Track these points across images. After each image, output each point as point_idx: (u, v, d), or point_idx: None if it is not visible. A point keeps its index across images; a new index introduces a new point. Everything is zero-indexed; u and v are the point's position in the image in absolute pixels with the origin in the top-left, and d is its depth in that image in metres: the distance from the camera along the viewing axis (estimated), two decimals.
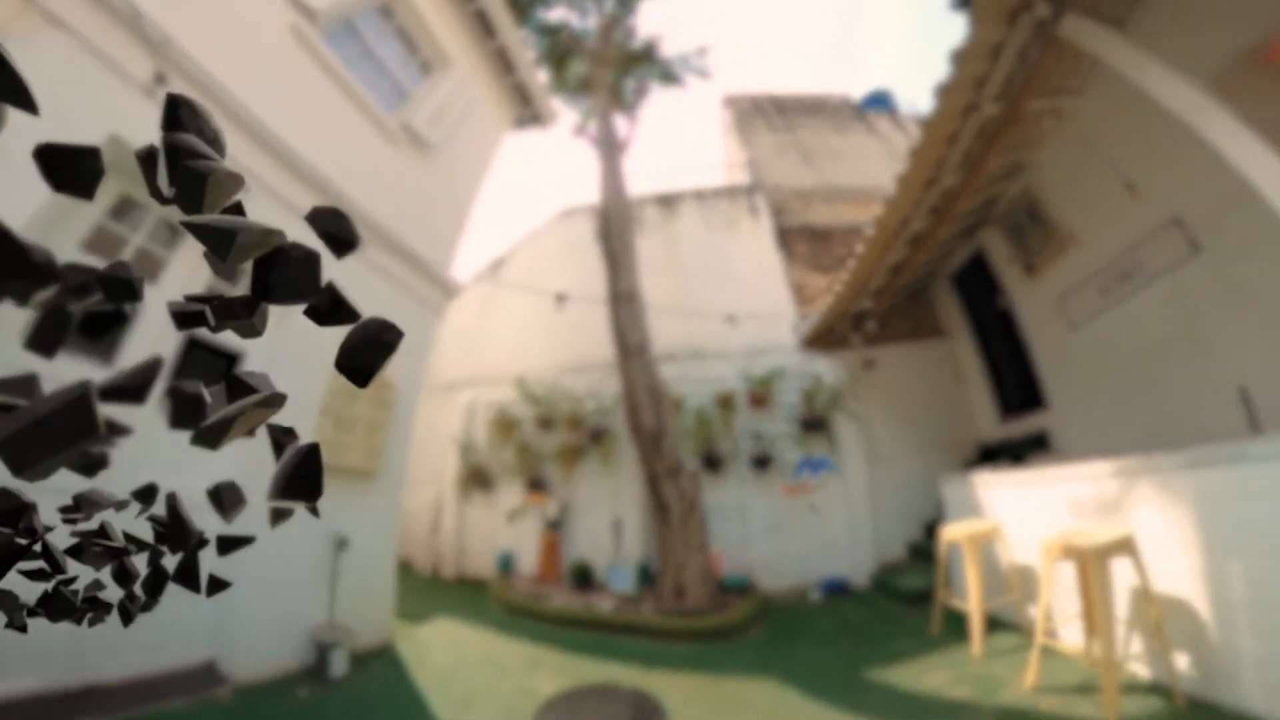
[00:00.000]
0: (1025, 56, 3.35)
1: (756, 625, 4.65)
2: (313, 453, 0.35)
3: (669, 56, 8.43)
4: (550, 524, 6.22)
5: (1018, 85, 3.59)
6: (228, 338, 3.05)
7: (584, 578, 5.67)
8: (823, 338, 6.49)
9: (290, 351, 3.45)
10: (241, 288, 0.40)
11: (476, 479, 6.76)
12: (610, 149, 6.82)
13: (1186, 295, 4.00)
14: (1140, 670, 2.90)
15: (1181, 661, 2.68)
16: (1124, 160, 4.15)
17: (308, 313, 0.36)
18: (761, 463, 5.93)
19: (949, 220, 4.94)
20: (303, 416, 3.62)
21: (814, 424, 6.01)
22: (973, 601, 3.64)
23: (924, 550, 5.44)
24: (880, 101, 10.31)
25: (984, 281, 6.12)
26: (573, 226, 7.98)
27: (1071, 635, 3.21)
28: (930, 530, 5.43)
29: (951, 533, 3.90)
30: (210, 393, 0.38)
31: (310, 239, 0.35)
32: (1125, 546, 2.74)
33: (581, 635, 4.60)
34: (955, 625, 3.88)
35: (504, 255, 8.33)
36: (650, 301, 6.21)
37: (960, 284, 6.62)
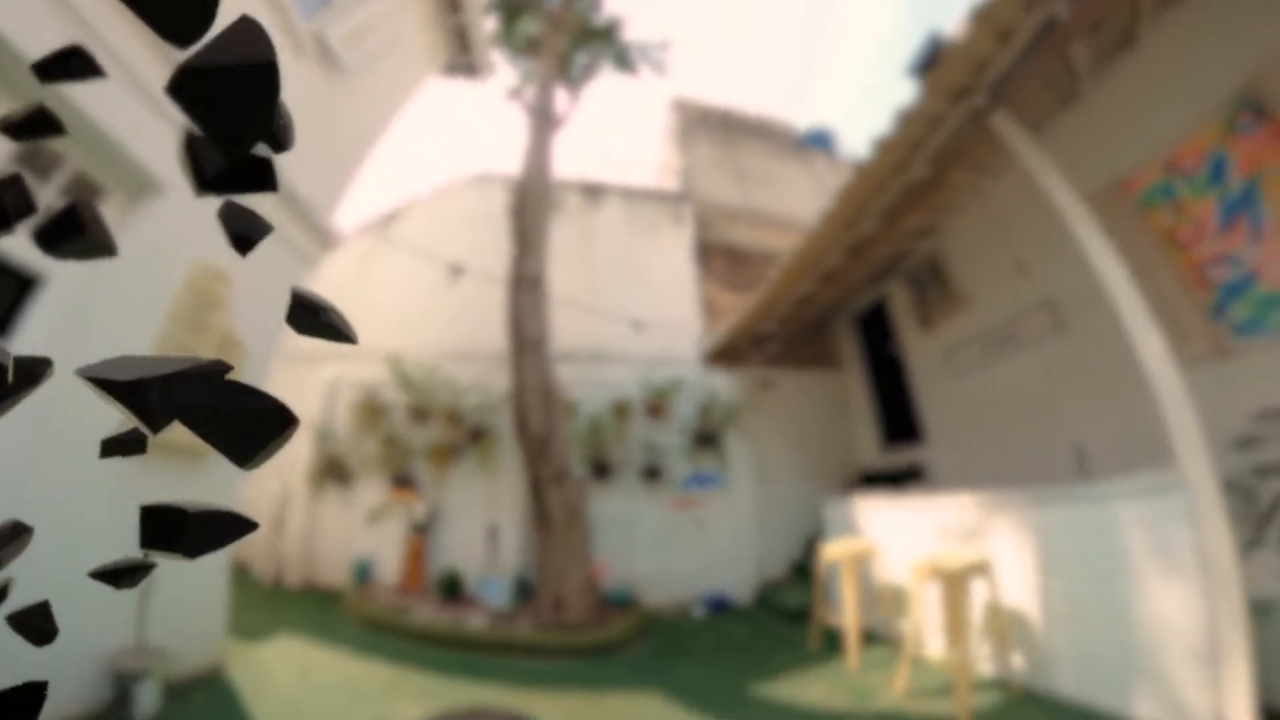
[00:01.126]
0: (959, 133, 3.73)
1: (639, 641, 4.50)
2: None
3: (629, 41, 8.14)
4: (417, 528, 5.54)
5: (947, 156, 3.97)
6: None
7: (453, 589, 5.10)
8: (725, 355, 6.67)
9: (108, 301, 2.70)
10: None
11: (333, 471, 5.82)
12: (544, 121, 6.45)
13: (1047, 365, 4.76)
14: (986, 670, 3.35)
15: (1017, 661, 3.22)
16: (1019, 242, 4.86)
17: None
18: (652, 474, 5.85)
19: (861, 263, 5.34)
20: None
21: (707, 439, 6.09)
22: (849, 617, 3.86)
23: (805, 568, 5.67)
24: (820, 139, 10.91)
25: (882, 325, 6.77)
26: (484, 195, 7.37)
27: (935, 645, 3.55)
28: (811, 548, 5.69)
29: (831, 552, 4.10)
30: None
31: None
32: (982, 568, 3.20)
33: (450, 654, 4.09)
34: (833, 640, 4.06)
35: (398, 211, 7.38)
36: (555, 293, 5.88)
37: (861, 324, 7.25)
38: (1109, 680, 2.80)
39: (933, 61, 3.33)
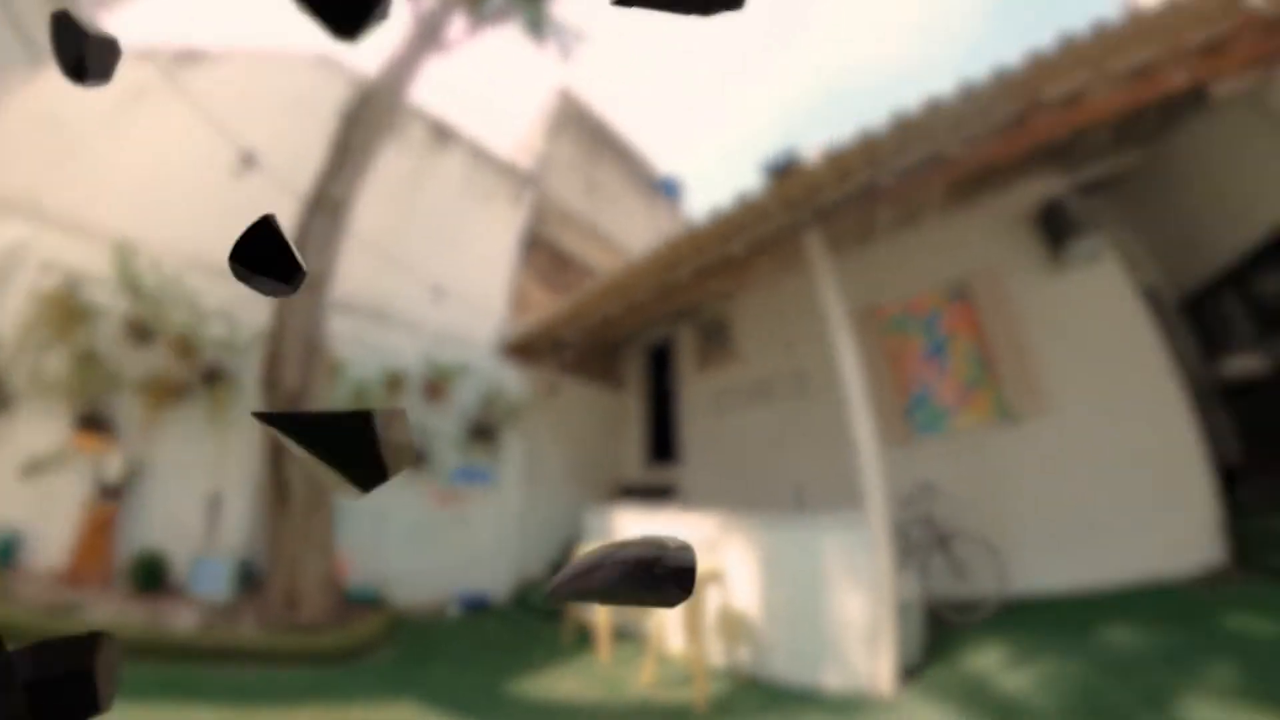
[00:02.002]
0: (779, 231, 4.56)
1: (388, 644, 4.08)
2: None
3: (551, 12, 7.48)
4: (106, 490, 4.03)
5: (763, 244, 4.78)
6: None
7: (153, 577, 3.85)
8: (521, 350, 6.61)
9: None
10: None
11: None
12: (428, 34, 5.48)
13: (787, 419, 6.08)
14: (719, 661, 3.96)
15: (743, 653, 3.83)
16: (792, 323, 6.16)
17: None
18: (417, 459, 5.41)
19: (665, 303, 5.99)
20: None
21: (484, 432, 5.88)
22: (601, 616, 4.21)
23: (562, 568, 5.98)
24: (670, 188, 11.75)
25: (667, 359, 7.65)
26: (317, 83, 5.92)
27: (676, 642, 4.06)
28: (570, 551, 5.95)
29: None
30: None
31: None
32: (717, 576, 3.79)
33: (145, 667, 3.02)
34: (586, 637, 4.35)
35: (202, 53, 5.28)
36: (358, 230, 4.98)
37: (650, 353, 8.00)
38: (809, 663, 3.60)
39: (783, 171, 4.02)
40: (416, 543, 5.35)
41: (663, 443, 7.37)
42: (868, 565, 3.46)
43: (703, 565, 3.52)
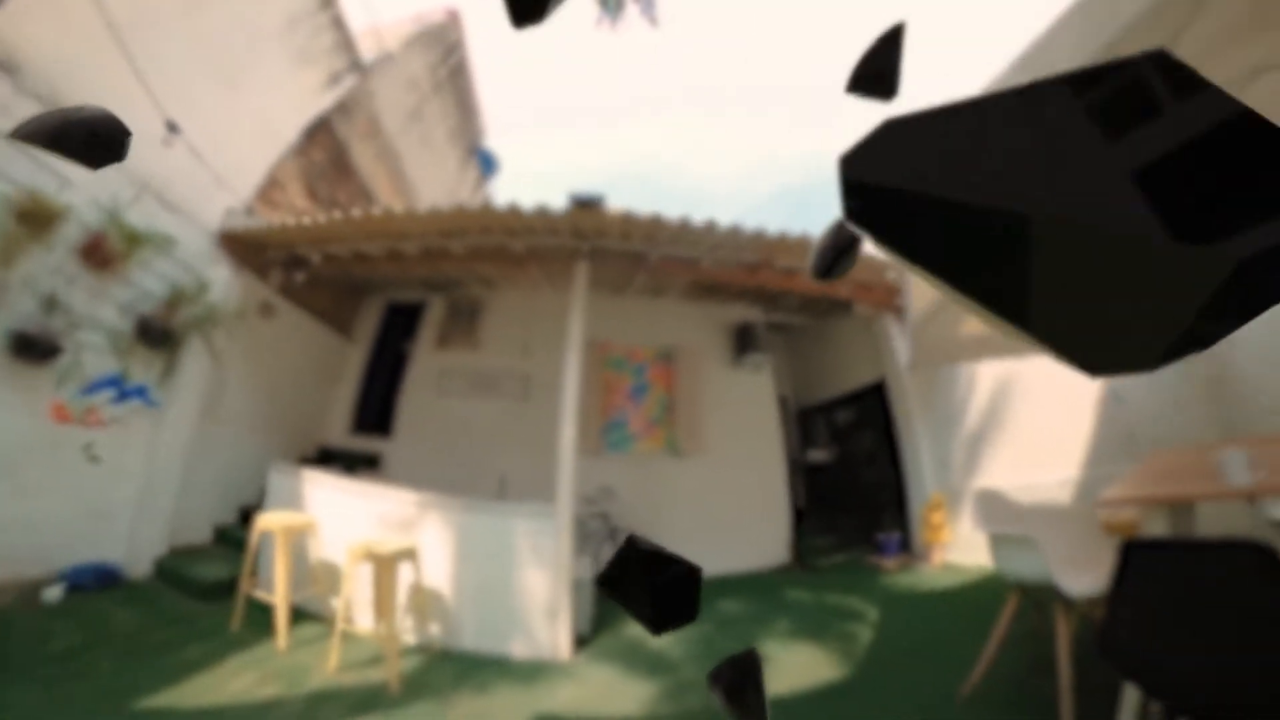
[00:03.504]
0: (559, 249, 4.81)
1: None
2: None
3: None
4: None
5: (542, 252, 4.92)
6: None
7: None
8: (248, 249, 4.88)
9: None
10: None
11: None
12: None
13: (506, 415, 6.22)
14: (411, 639, 3.75)
15: (435, 628, 3.74)
16: (535, 331, 6.40)
17: None
18: (35, 348, 3.33)
19: (428, 266, 5.41)
20: None
21: (160, 336, 4.10)
22: (280, 593, 3.46)
23: (234, 536, 4.44)
24: (488, 161, 10.45)
25: (408, 323, 6.73)
26: None
27: (365, 620, 3.67)
28: (248, 515, 4.52)
29: (267, 521, 3.68)
30: None
31: None
32: (410, 554, 3.59)
33: None
34: (260, 619, 3.47)
35: None
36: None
37: (392, 311, 6.85)
38: (498, 635, 3.70)
39: (585, 205, 4.22)
40: (8, 478, 3.30)
41: (378, 410, 6.45)
42: (552, 549, 3.78)
43: (398, 543, 3.54)
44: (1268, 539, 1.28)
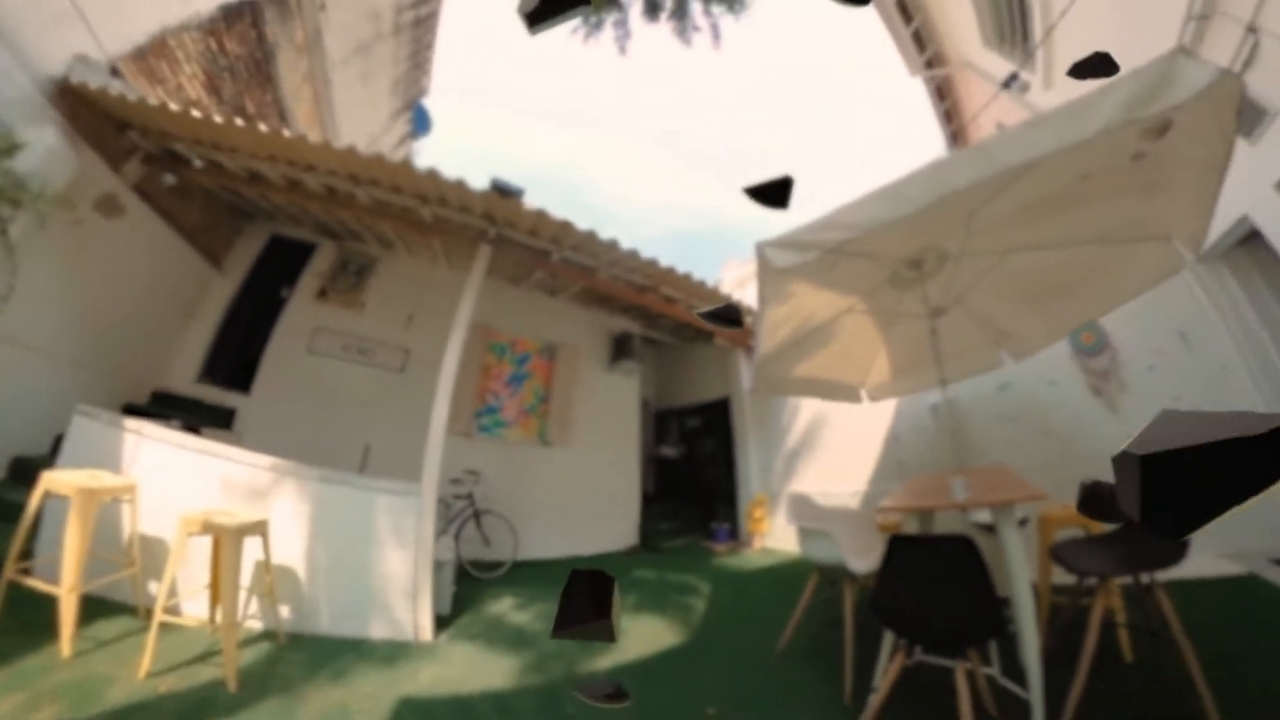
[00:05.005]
0: (464, 228, 4.55)
1: None
2: None
3: None
4: None
5: (449, 225, 4.58)
6: None
7: None
8: (99, 118, 3.64)
9: None
10: None
11: None
12: None
13: (380, 385, 5.62)
14: (255, 625, 3.21)
15: (285, 611, 3.23)
16: (425, 305, 5.92)
17: None
18: None
19: (330, 207, 4.59)
20: None
21: None
22: (68, 579, 2.49)
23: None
24: (421, 117, 9.14)
25: (292, 265, 5.59)
26: None
27: (196, 608, 3.02)
28: (27, 472, 3.25)
29: (58, 481, 2.63)
30: None
31: None
32: (260, 528, 2.99)
33: None
34: (34, 616, 2.52)
35: None
36: None
37: (275, 246, 5.58)
38: (356, 615, 3.34)
39: (503, 192, 4.04)
40: None
41: (238, 359, 5.23)
42: (414, 528, 3.52)
43: (245, 515, 2.96)
44: (970, 534, 1.88)
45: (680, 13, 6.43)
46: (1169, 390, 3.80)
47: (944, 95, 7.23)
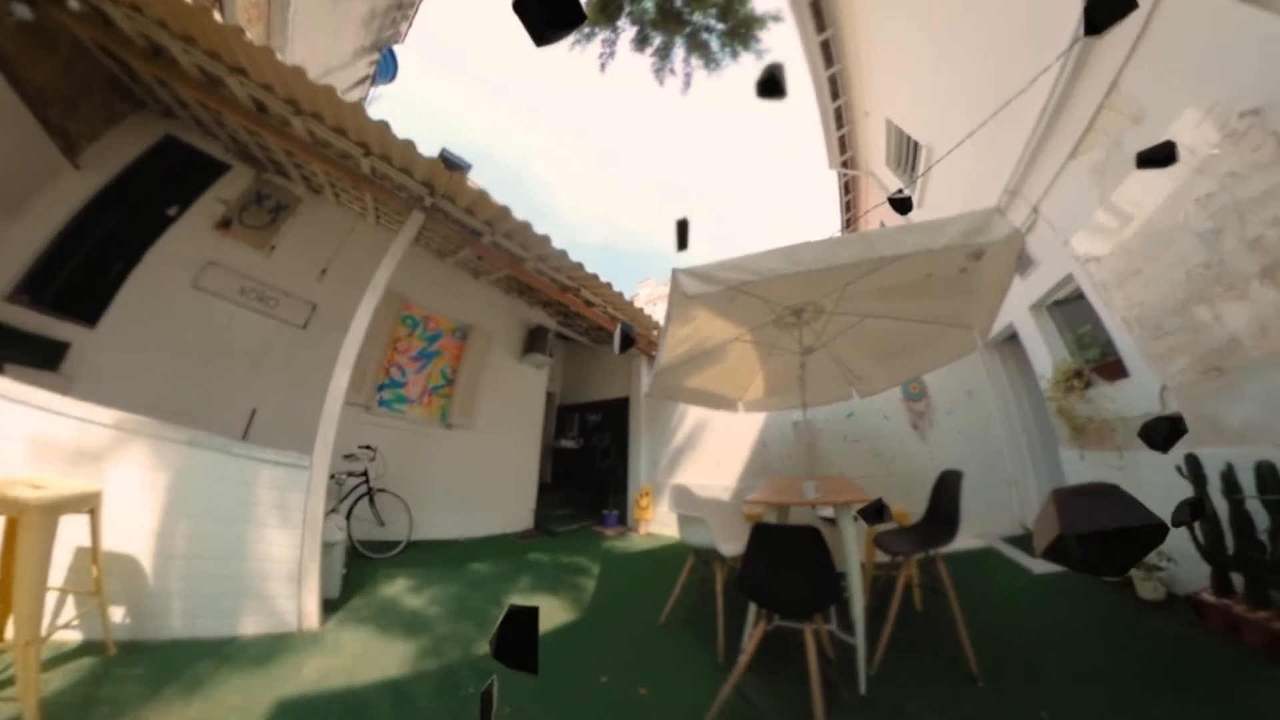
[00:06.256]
0: (401, 189, 4.19)
1: None
2: None
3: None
4: None
5: (385, 182, 4.13)
6: None
7: None
8: None
9: None
10: None
11: None
12: None
13: (275, 340, 4.79)
14: (71, 637, 2.37)
15: (117, 614, 2.49)
16: (341, 258, 5.26)
17: None
18: None
19: (256, 129, 3.71)
20: None
21: None
22: None
23: None
24: (387, 62, 7.93)
25: (189, 179, 4.47)
26: None
27: None
28: None
29: None
30: None
31: None
32: (87, 503, 2.24)
33: None
34: None
35: None
36: None
37: (168, 150, 4.34)
38: (221, 610, 2.75)
39: (448, 164, 3.58)
40: None
41: (83, 278, 3.83)
42: (300, 504, 3.05)
43: (65, 485, 2.14)
44: (817, 526, 2.30)
45: (664, 53, 6.78)
46: (958, 429, 5.19)
47: (849, 190, 8.72)
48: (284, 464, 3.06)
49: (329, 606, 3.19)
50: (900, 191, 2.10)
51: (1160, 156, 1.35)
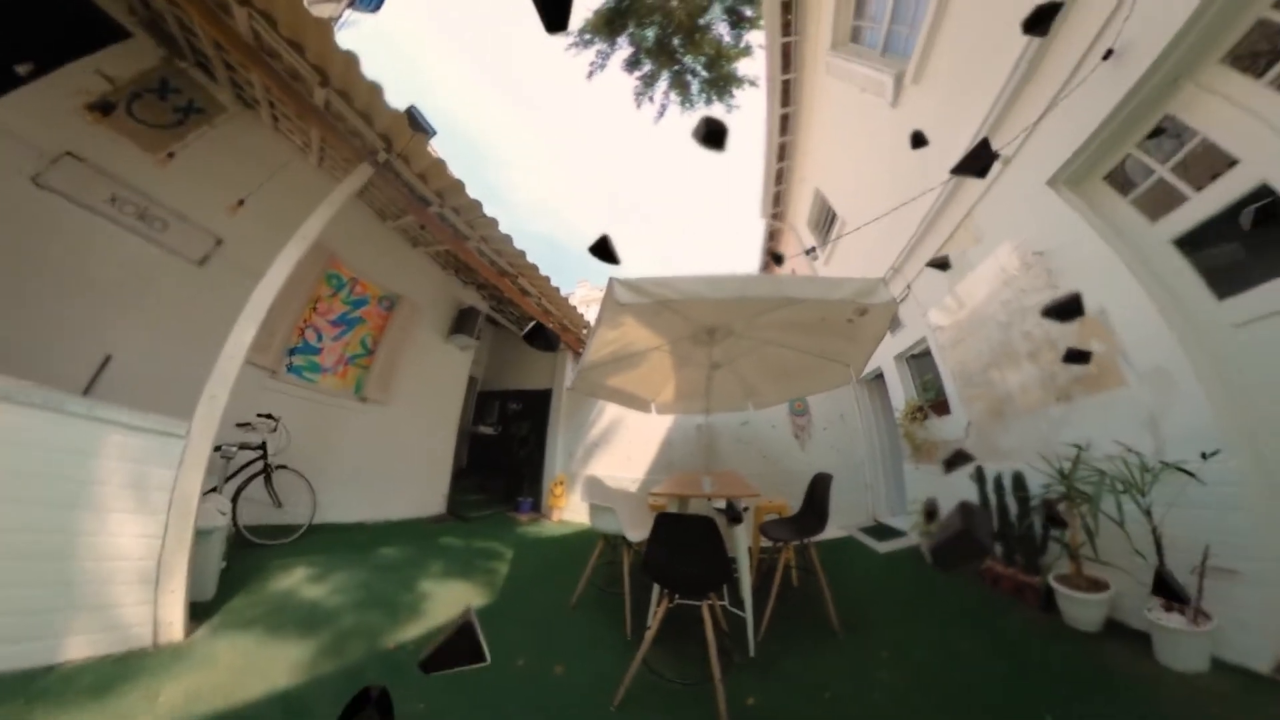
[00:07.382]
0: (355, 135, 3.69)
1: None
2: None
3: None
4: None
5: (339, 123, 3.56)
6: None
7: None
8: None
9: None
10: None
11: None
12: None
13: (156, 273, 3.87)
14: None
15: None
16: (272, 196, 4.39)
17: None
18: None
19: (198, 22, 2.98)
20: None
21: None
22: None
23: None
24: None
25: (60, 36, 3.35)
26: None
27: None
28: None
29: None
30: None
31: None
32: None
33: None
34: None
35: None
36: None
37: (84, 18, 3.18)
38: (31, 632, 1.99)
39: (412, 123, 3.39)
40: None
41: None
42: (168, 483, 2.33)
43: None
44: (712, 516, 2.59)
45: (650, 81, 6.91)
46: (831, 443, 6.14)
47: (772, 237, 9.57)
48: (146, 429, 2.30)
49: (200, 611, 2.57)
50: (812, 249, 2.46)
51: (1067, 308, 1.62)
